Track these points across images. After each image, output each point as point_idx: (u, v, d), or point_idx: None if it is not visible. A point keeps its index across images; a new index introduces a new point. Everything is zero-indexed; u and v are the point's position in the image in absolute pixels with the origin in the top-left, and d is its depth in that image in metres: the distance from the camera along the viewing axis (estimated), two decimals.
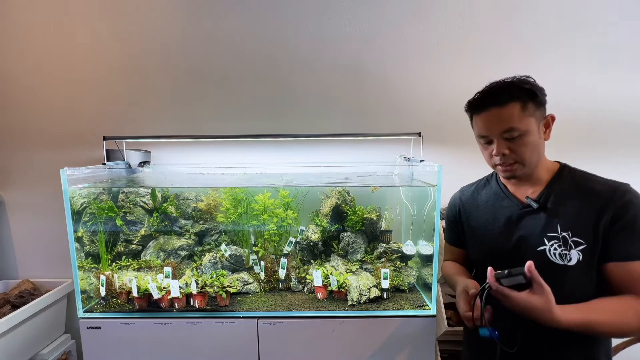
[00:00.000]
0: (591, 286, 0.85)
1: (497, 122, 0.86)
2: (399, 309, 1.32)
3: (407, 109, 1.66)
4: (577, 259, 0.84)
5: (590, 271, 0.85)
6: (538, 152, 0.88)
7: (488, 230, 0.99)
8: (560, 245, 0.86)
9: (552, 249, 0.86)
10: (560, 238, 0.86)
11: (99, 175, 1.51)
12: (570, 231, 0.85)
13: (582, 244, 0.84)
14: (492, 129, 0.87)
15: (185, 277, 1.42)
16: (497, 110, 0.86)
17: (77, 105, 1.69)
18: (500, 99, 0.85)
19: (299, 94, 1.67)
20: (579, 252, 0.84)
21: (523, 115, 0.84)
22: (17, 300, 1.52)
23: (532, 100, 0.85)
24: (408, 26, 1.61)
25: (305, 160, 1.69)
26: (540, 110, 0.87)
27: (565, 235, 0.86)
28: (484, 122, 0.89)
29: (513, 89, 0.86)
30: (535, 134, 0.86)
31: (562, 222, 0.87)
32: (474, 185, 1.10)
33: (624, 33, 1.57)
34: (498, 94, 0.86)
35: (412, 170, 1.55)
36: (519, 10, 1.58)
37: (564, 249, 0.85)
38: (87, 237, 1.52)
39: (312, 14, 1.62)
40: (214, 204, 1.60)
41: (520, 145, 0.86)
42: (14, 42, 1.66)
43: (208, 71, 1.67)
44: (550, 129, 0.89)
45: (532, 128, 0.85)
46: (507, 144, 0.87)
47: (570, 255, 0.85)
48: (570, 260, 0.85)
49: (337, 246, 1.56)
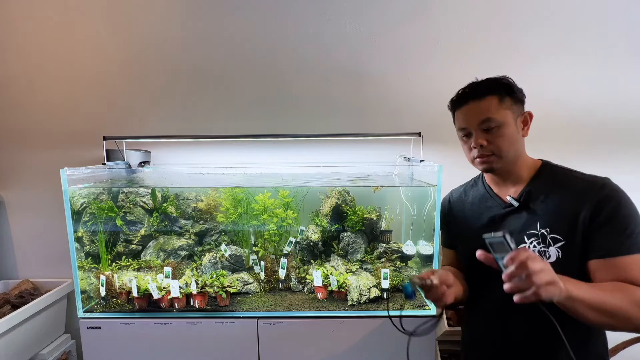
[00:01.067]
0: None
1: (475, 114, 0.90)
2: (399, 309, 1.32)
3: (407, 109, 1.66)
4: (556, 256, 0.84)
5: (570, 269, 0.81)
6: (515, 146, 0.90)
7: (474, 231, 0.99)
8: (540, 242, 0.86)
9: (532, 247, 0.86)
10: (539, 235, 0.86)
11: (99, 175, 1.51)
12: (549, 228, 0.85)
13: (561, 240, 0.84)
14: (471, 121, 0.91)
15: (185, 277, 1.42)
16: (476, 103, 0.90)
17: (77, 105, 1.69)
18: (479, 93, 0.90)
19: (299, 93, 1.67)
20: (557, 249, 0.84)
21: (500, 107, 0.88)
22: (17, 300, 1.52)
23: (509, 95, 0.89)
24: (408, 26, 1.61)
25: (305, 160, 1.69)
26: (517, 106, 0.90)
27: (544, 232, 0.86)
28: (463, 115, 0.93)
29: (490, 83, 0.90)
30: (512, 127, 0.89)
31: (541, 219, 0.87)
32: (463, 187, 1.12)
33: (625, 32, 1.56)
34: (476, 88, 0.91)
35: (412, 170, 1.55)
36: (519, 10, 1.58)
37: (543, 246, 0.85)
38: (87, 237, 1.52)
39: (312, 14, 1.62)
40: (214, 204, 1.60)
41: (497, 136, 0.88)
42: (14, 42, 1.66)
43: (208, 71, 1.67)
44: (528, 126, 0.92)
45: (509, 121, 0.88)
46: (485, 136, 0.89)
47: (549, 252, 0.85)
48: (549, 258, 0.84)
49: (337, 246, 1.56)
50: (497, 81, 0.90)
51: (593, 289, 0.74)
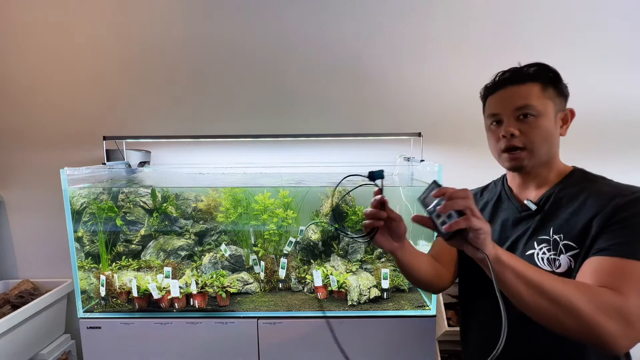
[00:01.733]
0: None
1: (512, 98, 0.79)
2: (399, 309, 1.32)
3: (407, 109, 1.66)
4: (567, 265, 0.73)
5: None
6: (550, 143, 0.79)
7: None
8: (550, 249, 0.76)
9: (541, 253, 0.77)
10: (550, 241, 0.76)
11: (99, 175, 1.51)
12: (562, 234, 0.75)
13: (574, 248, 0.72)
14: (506, 106, 0.79)
15: (185, 277, 1.42)
16: (515, 88, 0.79)
17: (77, 105, 1.69)
18: (520, 78, 0.79)
19: (298, 93, 1.67)
20: (569, 258, 0.73)
21: (542, 95, 0.77)
22: (17, 300, 1.52)
23: (554, 85, 0.79)
24: (408, 26, 1.61)
25: (305, 160, 1.69)
26: (560, 100, 0.80)
27: (556, 238, 0.75)
28: (497, 99, 0.82)
29: (535, 68, 0.79)
30: (551, 121, 0.78)
31: (555, 225, 0.76)
32: (479, 188, 1.04)
33: (626, 32, 1.56)
34: (518, 73, 0.80)
35: (412, 170, 1.55)
36: (519, 10, 1.58)
37: (553, 253, 0.75)
38: (87, 237, 1.52)
39: (312, 14, 1.62)
40: (214, 204, 1.60)
41: (533, 127, 0.77)
42: (14, 42, 1.66)
43: (208, 71, 1.67)
44: (568, 125, 0.82)
45: (549, 112, 0.77)
46: (519, 125, 0.78)
47: (559, 261, 0.74)
48: (559, 267, 0.74)
49: (337, 246, 1.56)
50: (543, 67, 0.79)
51: (533, 267, 0.65)
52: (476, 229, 0.61)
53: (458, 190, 0.64)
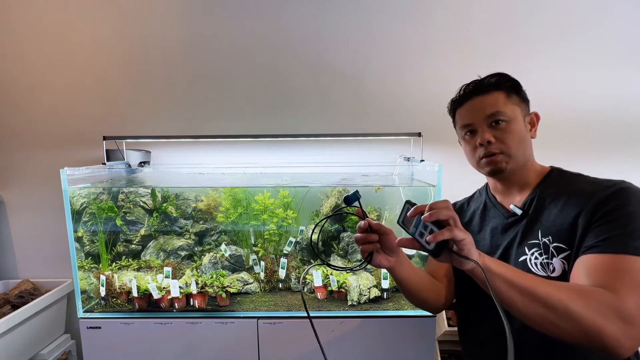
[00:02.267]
0: None
1: (481, 108, 0.82)
2: (399, 309, 1.32)
3: (407, 109, 1.66)
4: (561, 268, 0.72)
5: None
6: (524, 145, 0.82)
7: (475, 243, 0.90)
8: (542, 253, 0.75)
9: (533, 258, 0.76)
10: (541, 245, 0.75)
11: (99, 175, 1.52)
12: (551, 236, 0.74)
13: (565, 250, 0.72)
14: (477, 115, 0.83)
15: (185, 277, 1.42)
16: (481, 98, 0.83)
17: (77, 105, 1.69)
18: (484, 89, 0.83)
19: (298, 93, 1.67)
20: (562, 261, 0.72)
21: (508, 102, 0.81)
22: (17, 300, 1.52)
23: (516, 92, 0.83)
24: (408, 26, 1.61)
25: (305, 160, 1.69)
26: (524, 104, 0.84)
27: (546, 242, 0.75)
28: (467, 111, 0.85)
29: (496, 78, 0.83)
30: (521, 124, 0.81)
31: (542, 227, 0.76)
32: (465, 199, 1.06)
33: (621, 32, 1.56)
34: (481, 85, 0.84)
35: (412, 170, 1.55)
36: (519, 10, 1.58)
37: (546, 257, 0.74)
38: (87, 237, 1.52)
39: (312, 14, 1.62)
40: (214, 204, 1.60)
41: (506, 132, 0.80)
42: (13, 42, 1.66)
43: (208, 71, 1.67)
44: (535, 127, 0.85)
45: (518, 116, 0.81)
46: (493, 132, 0.81)
47: (553, 265, 0.73)
48: (553, 271, 0.73)
49: (337, 246, 1.56)
50: (503, 76, 0.83)
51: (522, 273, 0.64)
52: (459, 240, 0.61)
53: (438, 202, 0.64)
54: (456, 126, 0.92)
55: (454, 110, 0.92)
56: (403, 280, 0.85)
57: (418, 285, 0.88)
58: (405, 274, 0.84)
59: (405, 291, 0.89)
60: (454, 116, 0.93)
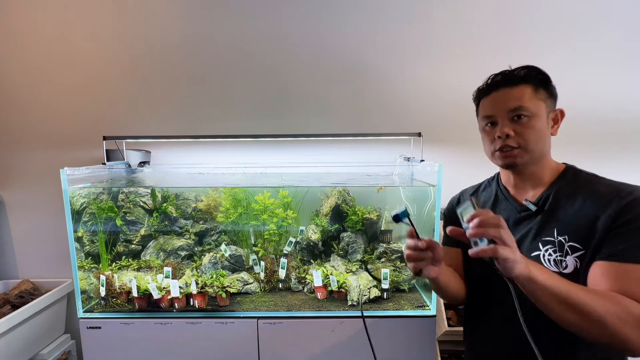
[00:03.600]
0: None
1: (506, 100, 0.82)
2: (399, 309, 1.32)
3: (407, 109, 1.66)
4: (573, 266, 0.76)
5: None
6: (543, 142, 0.82)
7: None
8: (556, 250, 0.78)
9: (547, 255, 0.79)
10: (555, 243, 0.78)
11: (99, 175, 1.52)
12: (567, 235, 0.77)
13: (580, 249, 0.75)
14: (500, 107, 0.83)
15: (185, 277, 1.42)
16: (508, 90, 0.82)
17: (77, 105, 1.69)
18: (512, 80, 0.82)
19: (299, 93, 1.67)
20: (575, 259, 0.76)
21: (534, 97, 0.80)
22: (17, 300, 1.52)
23: (544, 87, 0.82)
24: (408, 26, 1.61)
25: (305, 160, 1.69)
26: (550, 100, 0.83)
27: (561, 240, 0.78)
28: (491, 101, 0.85)
29: (526, 70, 0.82)
30: (543, 121, 0.81)
31: (559, 226, 0.79)
32: (475, 188, 1.05)
33: (625, 32, 1.56)
34: (510, 76, 0.83)
35: (412, 170, 1.55)
36: (520, 10, 1.58)
37: (560, 255, 0.77)
38: (87, 237, 1.52)
39: (312, 15, 1.62)
40: (214, 204, 1.60)
41: (527, 127, 0.80)
42: (14, 42, 1.66)
43: (208, 71, 1.67)
44: (558, 124, 0.85)
45: (542, 113, 0.81)
46: (513, 126, 0.81)
47: (566, 262, 0.77)
48: (566, 268, 0.77)
49: (337, 246, 1.56)
50: (533, 69, 0.82)
51: (563, 281, 0.67)
52: (503, 259, 0.63)
53: (490, 218, 0.66)
54: (478, 115, 0.92)
55: (478, 99, 0.91)
56: (443, 286, 0.89)
57: (452, 284, 0.92)
58: (447, 279, 0.89)
59: (441, 291, 0.93)
60: (478, 104, 0.92)
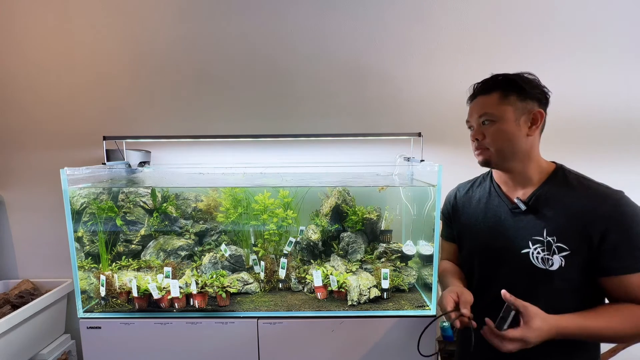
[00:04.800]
0: (572, 292, 0.85)
1: (477, 108, 0.92)
2: (399, 309, 1.32)
3: (407, 109, 1.66)
4: (559, 264, 0.84)
5: (571, 277, 0.84)
6: (513, 143, 0.88)
7: (478, 228, 1.00)
8: (544, 249, 0.86)
9: (535, 253, 0.87)
10: (544, 242, 0.86)
11: (99, 175, 1.51)
12: (556, 236, 0.84)
13: (566, 250, 0.83)
14: (473, 115, 0.94)
15: (185, 277, 1.42)
16: (481, 98, 0.92)
17: (77, 105, 1.69)
18: (486, 88, 0.91)
19: (299, 94, 1.67)
20: (561, 258, 0.84)
21: (500, 102, 0.88)
22: (17, 300, 1.52)
23: (516, 91, 0.87)
24: (408, 26, 1.61)
25: (305, 160, 1.69)
26: (525, 103, 0.87)
27: (550, 240, 0.85)
28: (470, 108, 0.96)
29: (496, 78, 0.90)
30: (509, 123, 0.87)
31: (548, 227, 0.86)
32: (470, 183, 1.12)
33: (625, 31, 1.57)
34: (485, 84, 0.92)
35: (412, 170, 1.55)
36: (520, 10, 1.58)
37: (547, 254, 0.85)
38: (87, 237, 1.52)
39: (313, 15, 1.62)
40: (214, 204, 1.60)
41: (493, 131, 0.89)
42: (14, 42, 1.66)
43: (209, 71, 1.67)
44: (537, 125, 0.88)
45: (508, 117, 0.87)
46: (482, 130, 0.91)
47: (552, 260, 0.84)
48: (552, 265, 0.84)
49: (337, 246, 1.56)
50: (503, 76, 0.90)
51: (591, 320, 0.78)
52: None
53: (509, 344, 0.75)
54: None
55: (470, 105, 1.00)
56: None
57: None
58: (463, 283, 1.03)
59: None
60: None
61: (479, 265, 1.00)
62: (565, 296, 0.85)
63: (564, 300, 0.85)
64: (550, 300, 0.84)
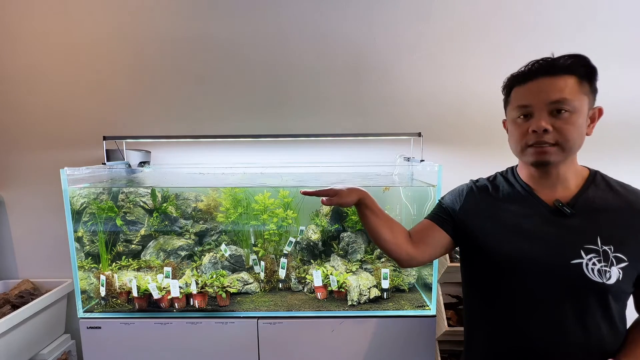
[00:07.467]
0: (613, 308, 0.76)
1: (547, 90, 0.73)
2: (399, 309, 1.32)
3: (407, 109, 1.66)
4: (617, 277, 0.74)
5: (623, 291, 0.76)
6: (581, 142, 0.76)
7: (503, 231, 0.83)
8: (600, 260, 0.74)
9: (591, 264, 0.75)
10: (600, 252, 0.75)
11: (99, 175, 1.51)
12: (612, 245, 0.74)
13: (624, 261, 0.74)
14: (540, 97, 0.73)
15: (185, 277, 1.42)
16: (549, 79, 0.73)
17: (77, 105, 1.69)
18: (555, 69, 0.73)
19: (299, 94, 1.67)
20: (619, 270, 0.74)
21: (578, 90, 0.72)
22: (17, 300, 1.52)
23: (589, 80, 0.74)
24: (408, 26, 1.61)
25: (305, 160, 1.69)
26: (593, 96, 0.76)
27: (606, 250, 0.74)
28: (528, 90, 0.76)
29: (573, 60, 0.73)
30: (584, 117, 0.74)
31: (602, 235, 0.75)
32: (488, 181, 0.94)
33: (626, 31, 1.56)
34: (553, 64, 0.74)
35: (412, 170, 1.55)
36: (521, 10, 1.58)
37: (604, 265, 0.74)
38: (87, 237, 1.52)
39: (312, 15, 1.62)
40: (214, 204, 1.60)
41: (567, 124, 0.72)
42: (14, 42, 1.66)
43: (208, 71, 1.67)
44: (594, 124, 0.77)
45: (584, 109, 0.73)
46: (552, 120, 0.73)
47: (610, 273, 0.74)
48: (609, 279, 0.73)
49: (337, 246, 1.56)
50: (582, 58, 0.73)
51: None
52: None
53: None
54: (508, 105, 0.83)
55: (510, 87, 0.81)
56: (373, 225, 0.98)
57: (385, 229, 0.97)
58: (380, 222, 0.99)
59: (370, 232, 1.00)
60: (508, 93, 0.83)
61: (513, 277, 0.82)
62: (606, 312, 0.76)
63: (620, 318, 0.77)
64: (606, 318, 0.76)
